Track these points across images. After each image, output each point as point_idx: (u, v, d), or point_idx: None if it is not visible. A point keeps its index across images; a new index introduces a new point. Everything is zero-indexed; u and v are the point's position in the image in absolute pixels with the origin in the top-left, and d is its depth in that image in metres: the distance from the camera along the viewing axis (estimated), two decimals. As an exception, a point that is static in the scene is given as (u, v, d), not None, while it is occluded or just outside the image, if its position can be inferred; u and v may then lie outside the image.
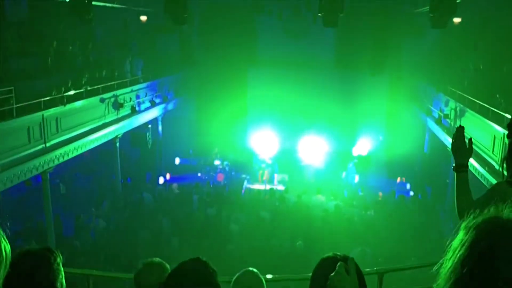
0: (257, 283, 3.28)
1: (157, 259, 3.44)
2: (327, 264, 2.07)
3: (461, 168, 3.13)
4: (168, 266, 3.44)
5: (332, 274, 1.81)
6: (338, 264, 1.84)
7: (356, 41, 22.88)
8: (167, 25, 20.48)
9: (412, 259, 12.25)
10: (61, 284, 2.21)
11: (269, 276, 5.00)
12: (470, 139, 3.21)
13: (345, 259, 2.09)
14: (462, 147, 3.17)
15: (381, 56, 22.94)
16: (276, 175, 22.23)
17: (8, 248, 1.71)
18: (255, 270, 3.37)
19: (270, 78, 24.29)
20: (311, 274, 2.25)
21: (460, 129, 3.24)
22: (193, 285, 2.09)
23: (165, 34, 24.06)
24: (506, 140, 3.00)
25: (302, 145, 24.01)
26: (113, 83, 18.43)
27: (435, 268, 1.61)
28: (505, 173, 2.96)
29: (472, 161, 14.43)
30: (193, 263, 2.20)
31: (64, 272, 2.26)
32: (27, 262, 2.14)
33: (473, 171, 14.60)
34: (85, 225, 16.37)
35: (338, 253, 2.15)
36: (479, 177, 13.99)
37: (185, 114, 25.19)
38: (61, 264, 2.23)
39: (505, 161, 2.95)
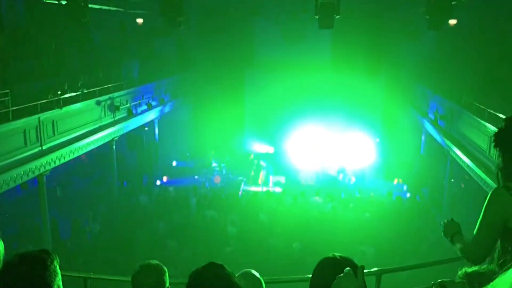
0: (256, 284, 3.28)
1: (155, 261, 3.43)
2: (327, 264, 2.08)
3: (455, 235, 3.31)
4: (165, 268, 3.43)
5: (341, 275, 1.82)
6: (347, 269, 1.85)
7: (352, 43, 22.89)
8: (164, 27, 20.47)
9: (409, 259, 12.24)
10: (58, 286, 2.20)
11: (265, 278, 4.98)
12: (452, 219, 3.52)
13: (345, 259, 2.09)
14: (448, 225, 3.46)
15: (377, 58, 22.99)
16: (271, 177, 22.22)
17: (2, 245, 1.70)
18: (254, 271, 3.37)
19: (267, 81, 24.33)
20: (309, 275, 2.25)
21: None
22: None
23: (162, 36, 24.06)
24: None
25: (299, 147, 24.00)
26: (109, 85, 18.40)
27: None
28: (501, 182, 2.95)
29: (468, 162, 14.49)
30: (213, 268, 2.14)
31: (61, 274, 2.25)
32: (24, 264, 2.13)
33: (470, 173, 14.65)
34: (82, 228, 16.34)
35: (338, 254, 2.16)
36: (475, 178, 14.02)
37: (181, 117, 25.18)
38: (58, 266, 2.22)
39: (499, 171, 2.96)
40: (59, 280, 2.21)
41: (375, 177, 22.42)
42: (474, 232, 2.96)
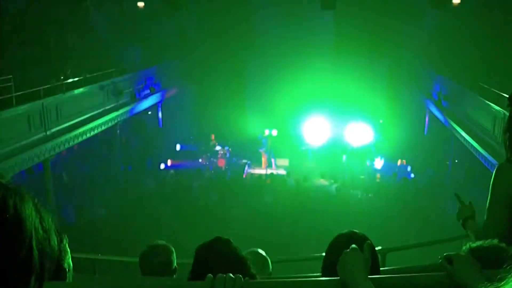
0: (262, 262, 3.31)
1: (162, 241, 3.47)
2: (343, 240, 2.11)
3: (467, 220, 3.23)
4: (172, 248, 3.47)
5: (347, 250, 1.85)
6: (352, 245, 1.87)
7: (355, 24, 22.73)
8: (165, 11, 20.37)
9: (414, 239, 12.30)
10: (68, 264, 2.22)
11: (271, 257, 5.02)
12: (470, 202, 3.36)
13: (362, 237, 2.12)
14: (464, 208, 3.29)
15: (381, 38, 22.84)
16: (272, 160, 22.24)
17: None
18: (260, 250, 3.40)
19: (269, 63, 24.23)
20: (314, 254, 2.27)
21: (457, 196, 3.44)
22: (227, 263, 2.08)
23: (163, 20, 23.93)
24: (507, 113, 2.92)
25: (302, 129, 23.97)
26: (112, 70, 18.37)
27: None
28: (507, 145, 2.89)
29: (472, 142, 14.47)
30: (220, 242, 2.19)
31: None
32: None
33: (474, 153, 14.64)
34: (87, 213, 16.45)
35: (356, 231, 2.19)
36: (480, 158, 14.02)
37: (185, 100, 25.15)
38: (67, 244, 2.24)
39: (507, 133, 2.88)
40: (69, 258, 2.22)
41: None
42: (486, 214, 2.93)
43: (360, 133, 23.21)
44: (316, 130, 23.55)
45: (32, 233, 1.07)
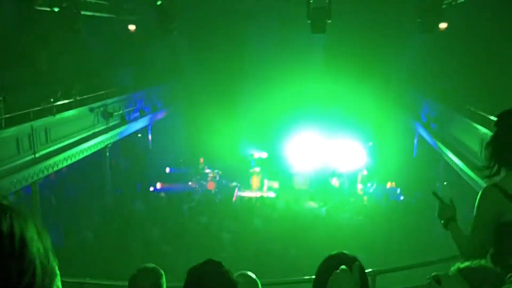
0: (252, 284, 3.30)
1: (151, 265, 3.45)
2: (333, 261, 2.11)
3: (450, 222, 3.22)
4: (162, 271, 3.45)
5: (337, 271, 1.85)
6: (342, 266, 1.88)
7: (345, 48, 23.01)
8: (157, 35, 20.49)
9: (404, 262, 12.28)
10: (57, 287, 2.21)
11: (261, 280, 4.99)
12: (450, 199, 3.41)
13: (351, 258, 2.13)
14: (444, 208, 3.35)
15: (370, 61, 23.12)
16: (266, 181, 22.25)
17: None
18: (250, 272, 3.39)
19: (260, 87, 24.32)
20: (303, 277, 2.28)
21: (435, 194, 3.46)
22: (218, 286, 2.07)
23: (155, 43, 24.07)
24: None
25: (291, 151, 24.05)
26: (102, 92, 18.38)
27: None
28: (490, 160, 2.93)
29: (460, 164, 14.58)
30: (211, 265, 2.19)
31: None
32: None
33: (462, 175, 14.74)
34: (76, 236, 16.27)
35: (346, 252, 2.20)
36: (468, 180, 14.11)
37: (175, 123, 25.16)
38: (57, 267, 2.23)
39: (488, 147, 2.93)
40: (58, 280, 2.21)
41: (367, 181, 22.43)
42: (470, 232, 2.98)
43: (349, 157, 23.32)
44: (305, 155, 23.65)
45: (35, 254, 1.09)
